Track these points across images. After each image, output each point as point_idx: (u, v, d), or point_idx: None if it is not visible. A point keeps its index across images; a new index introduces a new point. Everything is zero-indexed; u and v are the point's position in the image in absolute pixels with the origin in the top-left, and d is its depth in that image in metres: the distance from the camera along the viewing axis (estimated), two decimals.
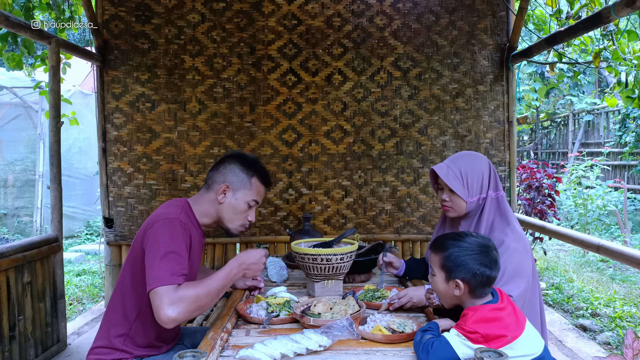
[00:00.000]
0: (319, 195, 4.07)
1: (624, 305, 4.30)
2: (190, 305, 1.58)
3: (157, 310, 1.55)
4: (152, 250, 1.67)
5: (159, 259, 1.63)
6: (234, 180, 1.91)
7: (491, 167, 1.98)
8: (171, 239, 1.68)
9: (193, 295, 1.60)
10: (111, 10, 3.92)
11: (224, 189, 1.89)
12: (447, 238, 1.62)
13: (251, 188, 1.93)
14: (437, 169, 1.96)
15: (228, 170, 1.93)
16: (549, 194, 5.67)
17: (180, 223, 1.74)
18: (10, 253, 2.83)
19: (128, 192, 4.00)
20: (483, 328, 1.40)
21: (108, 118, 3.97)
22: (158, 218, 1.76)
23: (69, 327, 3.64)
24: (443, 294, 1.60)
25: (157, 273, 1.60)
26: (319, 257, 1.97)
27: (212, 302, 1.67)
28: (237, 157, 1.97)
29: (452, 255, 1.55)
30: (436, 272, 1.60)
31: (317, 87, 4.03)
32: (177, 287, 1.59)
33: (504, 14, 4.02)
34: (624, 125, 8.69)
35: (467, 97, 4.03)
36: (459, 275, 1.53)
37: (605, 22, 2.75)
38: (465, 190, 1.92)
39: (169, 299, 1.55)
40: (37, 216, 7.23)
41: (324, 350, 1.49)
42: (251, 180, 1.93)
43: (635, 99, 3.96)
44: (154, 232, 1.71)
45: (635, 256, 2.53)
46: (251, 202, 1.94)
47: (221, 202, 1.90)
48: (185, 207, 1.87)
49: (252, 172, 1.94)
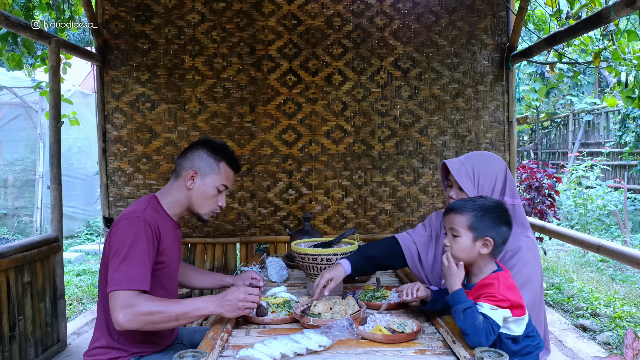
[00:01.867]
0: (319, 195, 4.07)
1: (624, 305, 4.30)
2: (139, 317, 1.59)
3: (111, 312, 1.58)
4: (115, 251, 1.67)
5: (120, 262, 1.63)
6: (202, 165, 1.90)
7: (507, 172, 1.89)
8: (133, 241, 1.67)
9: (146, 308, 1.60)
10: (111, 10, 3.92)
11: (192, 174, 1.88)
12: (466, 201, 1.67)
13: (219, 173, 1.91)
14: (450, 164, 1.88)
15: (196, 156, 1.91)
16: (549, 194, 5.67)
17: (144, 221, 1.72)
18: (10, 253, 2.83)
19: (128, 192, 4.00)
20: (510, 295, 1.49)
21: (108, 118, 3.97)
22: (122, 218, 1.75)
23: (69, 327, 3.64)
24: (465, 256, 1.62)
25: (115, 276, 1.61)
26: (319, 257, 1.97)
27: (167, 325, 1.65)
28: (205, 143, 1.95)
29: (479, 214, 1.61)
30: (462, 233, 1.61)
31: (317, 87, 4.03)
32: (136, 295, 1.60)
33: (504, 14, 4.02)
34: (624, 125, 8.69)
35: (467, 97, 4.03)
36: (489, 233, 1.59)
37: (605, 22, 2.75)
38: (475, 190, 1.85)
39: (122, 304, 1.57)
40: (37, 216, 7.24)
41: (324, 350, 1.49)
42: (219, 164, 1.92)
43: (635, 99, 3.96)
44: (116, 233, 1.71)
45: (635, 256, 2.53)
46: (220, 186, 1.92)
47: (190, 188, 1.88)
48: (153, 202, 1.86)
49: (219, 156, 1.92)
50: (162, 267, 1.81)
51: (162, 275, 1.83)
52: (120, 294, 1.58)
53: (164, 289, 1.86)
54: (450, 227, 1.65)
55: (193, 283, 2.22)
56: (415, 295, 1.78)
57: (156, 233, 1.76)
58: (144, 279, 1.64)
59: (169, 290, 1.89)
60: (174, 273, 1.94)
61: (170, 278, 1.91)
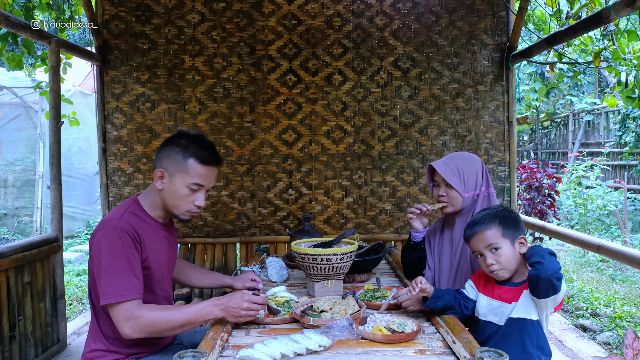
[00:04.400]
0: (319, 195, 4.07)
1: (624, 305, 4.30)
2: (145, 328, 1.60)
3: (117, 325, 1.61)
4: (96, 263, 1.65)
5: (104, 274, 1.62)
6: (169, 164, 1.77)
7: (483, 166, 2.12)
8: (111, 251, 1.64)
9: (150, 321, 1.60)
10: (111, 10, 3.92)
11: (160, 174, 1.78)
12: (479, 217, 1.75)
13: (188, 171, 1.75)
14: (436, 165, 2.07)
15: (163, 155, 1.79)
16: (549, 194, 5.67)
17: (120, 230, 1.66)
18: (10, 253, 2.83)
19: (128, 192, 3.99)
20: None
21: (108, 118, 3.97)
22: (99, 228, 1.71)
23: (69, 327, 3.64)
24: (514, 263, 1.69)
25: (105, 289, 1.60)
26: (319, 257, 1.97)
27: (172, 331, 1.66)
28: (174, 138, 1.81)
29: (502, 220, 1.70)
30: (501, 244, 1.67)
31: (317, 87, 4.02)
32: (137, 306, 1.60)
33: (504, 14, 4.02)
34: (624, 125, 8.69)
35: (467, 97, 4.03)
36: (519, 232, 1.70)
37: (605, 22, 2.75)
38: (462, 185, 2.03)
39: (125, 317, 1.59)
40: (37, 216, 7.23)
41: (324, 350, 1.49)
42: (187, 162, 1.75)
43: (635, 99, 3.96)
44: (95, 244, 1.68)
45: (635, 256, 2.53)
46: (192, 185, 1.76)
47: (160, 189, 1.79)
48: (132, 206, 1.81)
49: (188, 153, 1.76)
50: (147, 274, 1.76)
51: (150, 281, 1.78)
52: (119, 307, 1.58)
53: (153, 294, 1.81)
54: (486, 245, 1.70)
55: (192, 282, 2.20)
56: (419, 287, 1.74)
57: (136, 239, 1.70)
58: (133, 287, 1.62)
59: (159, 294, 1.84)
60: (163, 276, 1.88)
61: (160, 282, 1.85)
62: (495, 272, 1.68)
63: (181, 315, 1.64)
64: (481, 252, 1.70)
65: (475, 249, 1.73)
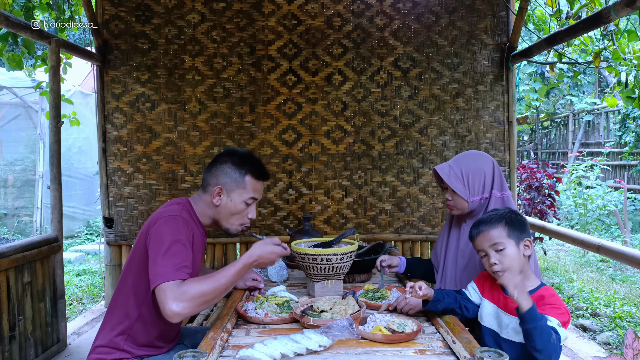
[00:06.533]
0: (319, 195, 4.07)
1: (624, 305, 4.30)
2: (194, 299, 1.57)
3: (162, 305, 1.55)
4: (155, 247, 1.67)
5: (162, 256, 1.63)
6: (227, 181, 1.86)
7: (495, 167, 2.02)
8: (174, 235, 1.68)
9: (198, 290, 1.59)
10: (111, 10, 3.92)
11: (217, 191, 1.86)
12: (489, 215, 1.73)
13: (245, 186, 1.88)
14: (439, 169, 2.02)
15: (220, 172, 1.87)
16: (549, 194, 5.67)
17: (182, 220, 1.74)
18: (10, 253, 2.83)
19: (128, 192, 4.00)
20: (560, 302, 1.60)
21: (108, 118, 3.97)
22: (160, 216, 1.76)
23: (69, 327, 3.64)
24: (517, 264, 1.66)
25: (160, 270, 1.60)
26: (319, 257, 1.97)
27: (219, 296, 1.67)
28: (228, 155, 1.91)
29: (508, 221, 1.68)
30: (505, 244, 1.66)
31: (317, 87, 4.03)
32: (182, 282, 1.59)
33: (504, 14, 4.02)
34: (624, 125, 8.69)
35: (467, 97, 4.03)
36: (524, 235, 1.68)
37: (605, 22, 2.75)
38: (465, 190, 1.97)
39: (172, 294, 1.55)
40: (37, 216, 7.23)
41: (324, 350, 1.49)
42: (245, 178, 1.87)
43: (635, 99, 3.96)
44: (156, 230, 1.71)
45: (635, 256, 2.53)
46: (248, 200, 1.89)
47: (217, 205, 1.87)
48: (187, 205, 1.86)
49: (244, 169, 1.88)
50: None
51: None
52: (167, 286, 1.57)
53: None
54: (490, 244, 1.68)
55: None
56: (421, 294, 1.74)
57: (192, 234, 1.77)
58: (187, 268, 1.64)
59: None
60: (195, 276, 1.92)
61: None
62: (498, 273, 1.68)
63: (224, 279, 1.66)
64: (486, 252, 1.70)
65: (480, 248, 1.73)
